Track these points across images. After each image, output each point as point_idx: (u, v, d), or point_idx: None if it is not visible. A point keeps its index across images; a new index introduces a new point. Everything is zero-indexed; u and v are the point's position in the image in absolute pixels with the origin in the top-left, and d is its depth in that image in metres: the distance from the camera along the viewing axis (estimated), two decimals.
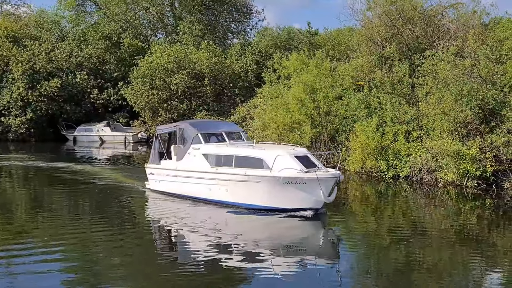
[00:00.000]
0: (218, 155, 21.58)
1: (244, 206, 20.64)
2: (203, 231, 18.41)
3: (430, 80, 29.25)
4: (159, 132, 25.53)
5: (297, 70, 37.90)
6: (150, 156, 25.76)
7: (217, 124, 26.73)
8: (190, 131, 23.15)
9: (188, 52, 50.51)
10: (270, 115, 36.05)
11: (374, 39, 34.90)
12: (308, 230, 19.38)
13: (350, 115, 32.42)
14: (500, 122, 25.32)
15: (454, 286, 13.57)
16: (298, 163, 19.45)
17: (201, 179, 21.93)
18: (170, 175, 23.67)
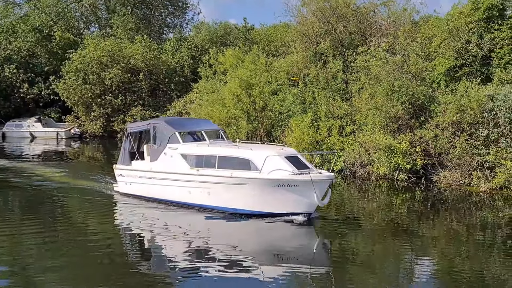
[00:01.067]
0: (198, 155, 20.03)
1: (229, 211, 19.20)
2: (182, 238, 17.09)
3: (363, 76, 29.90)
4: (129, 131, 23.58)
5: (233, 65, 37.94)
6: (120, 156, 23.73)
7: (194, 122, 25.05)
8: (166, 129, 21.41)
9: (122, 46, 49.67)
10: (206, 110, 35.96)
11: (309, 35, 35.35)
12: (300, 236, 17.90)
13: (286, 111, 32.75)
14: (429, 117, 26.18)
15: (387, 277, 13.90)
16: (290, 164, 18.11)
17: (180, 181, 20.31)
18: (143, 177, 21.98)
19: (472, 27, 27.54)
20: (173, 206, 20.61)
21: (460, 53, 27.52)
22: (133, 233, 18.17)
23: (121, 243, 17.06)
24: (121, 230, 18.71)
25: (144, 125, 23.43)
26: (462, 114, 24.46)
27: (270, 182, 18.12)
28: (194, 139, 21.61)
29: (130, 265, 14.40)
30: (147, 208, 20.98)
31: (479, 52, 26.82)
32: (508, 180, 22.57)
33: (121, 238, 17.74)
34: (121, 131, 46.95)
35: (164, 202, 21.07)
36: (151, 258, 15.46)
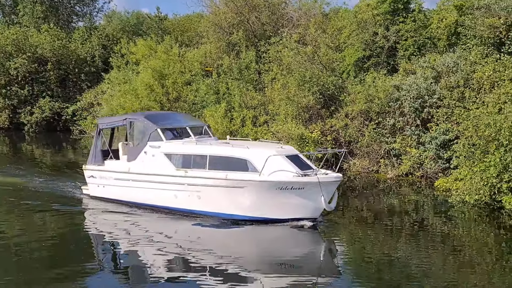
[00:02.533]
0: (185, 154, 17.89)
1: (222, 217, 17.17)
2: (168, 248, 14.77)
3: (275, 67, 30.27)
4: (101, 127, 20.96)
5: (145, 55, 37.36)
6: (90, 156, 20.97)
7: (177, 116, 22.00)
8: (146, 125, 19.08)
9: (28, 35, 47.66)
10: (118, 101, 35.31)
11: (222, 25, 35.36)
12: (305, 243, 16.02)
13: (199, 101, 32.64)
14: (339, 107, 26.87)
15: None
16: (292, 165, 16.32)
17: (164, 183, 18.06)
18: (120, 178, 19.54)
19: (378, 19, 28.42)
20: (155, 212, 18.43)
21: (368, 44, 28.35)
22: (109, 243, 15.89)
23: (95, 255, 14.75)
24: (94, 240, 16.23)
25: (118, 121, 21.05)
26: (370, 104, 25.27)
27: (272, 185, 16.18)
28: (175, 135, 19.27)
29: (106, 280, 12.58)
30: (124, 214, 18.55)
31: (386, 44, 27.74)
32: (413, 167, 23.57)
33: (94, 249, 15.44)
34: (29, 123, 45.28)
35: (144, 207, 18.88)
36: (130, 271, 13.31)
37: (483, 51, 23.94)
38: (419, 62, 25.60)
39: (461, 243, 15.47)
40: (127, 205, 19.28)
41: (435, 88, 23.82)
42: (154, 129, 18.78)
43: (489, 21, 23.75)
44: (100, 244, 15.84)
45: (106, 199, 20.11)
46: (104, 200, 20.12)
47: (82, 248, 15.08)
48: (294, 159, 16.73)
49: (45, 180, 23.88)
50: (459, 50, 24.94)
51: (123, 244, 15.48)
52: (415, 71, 25.49)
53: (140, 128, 19.48)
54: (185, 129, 19.40)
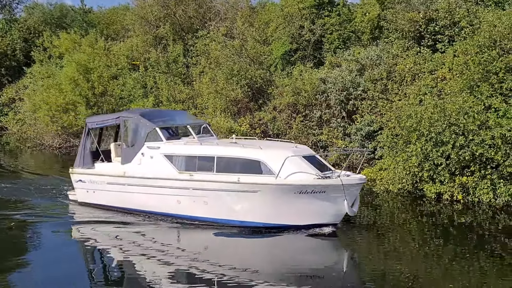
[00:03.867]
0: (189, 156, 16.19)
1: (232, 224, 15.69)
2: (171, 260, 13.20)
3: (203, 60, 30.16)
4: (90, 126, 19.04)
5: (69, 49, 36.34)
6: (78, 158, 19.04)
7: (175, 114, 20.06)
8: (143, 124, 17.37)
9: None
10: (41, 96, 34.17)
11: (148, 18, 34.89)
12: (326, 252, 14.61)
13: (126, 95, 32.09)
14: (267, 100, 27.09)
15: None
16: (311, 166, 15.01)
17: (165, 188, 16.47)
18: (113, 183, 17.75)
19: (304, 13, 28.81)
20: (155, 219, 16.76)
21: (294, 38, 28.70)
22: (103, 257, 13.96)
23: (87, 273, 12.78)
24: (85, 254, 14.25)
25: (110, 119, 18.80)
26: (297, 97, 25.59)
27: (290, 189, 14.77)
28: (172, 135, 17.69)
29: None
30: (119, 222, 16.68)
31: (312, 37, 28.15)
32: (339, 158, 24.08)
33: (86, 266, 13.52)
34: None
35: (142, 213, 17.22)
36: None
37: (404, 45, 24.74)
38: (344, 55, 26.20)
39: (386, 231, 15.86)
40: (122, 211, 17.61)
41: (360, 80, 24.42)
42: (152, 128, 17.13)
43: (410, 15, 24.56)
44: (92, 258, 13.97)
45: (96, 206, 18.39)
46: (95, 206, 18.39)
47: (71, 265, 13.03)
48: (312, 159, 15.45)
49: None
50: (382, 44, 25.67)
51: (119, 258, 13.65)
52: (340, 64, 26.04)
53: (135, 128, 17.63)
54: (186, 127, 17.87)
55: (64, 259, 13.47)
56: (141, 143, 17.23)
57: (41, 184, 22.05)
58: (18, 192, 20.56)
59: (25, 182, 22.96)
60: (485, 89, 18.82)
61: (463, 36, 21.95)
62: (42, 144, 34.44)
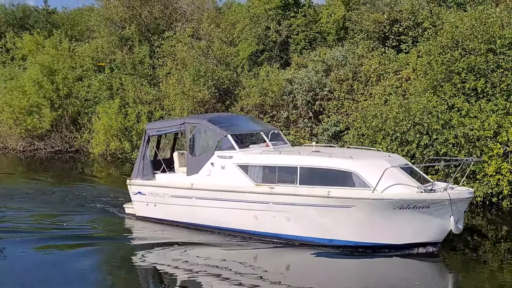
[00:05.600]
0: (268, 166, 14.61)
1: (319, 242, 14.09)
2: (252, 283, 11.75)
3: (170, 61, 30.01)
4: (151, 133, 17.46)
5: (32, 50, 35.76)
6: (136, 168, 17.45)
7: (244, 119, 18.41)
8: (212, 131, 15.84)
9: None
10: (4, 98, 33.64)
11: (113, 19, 34.59)
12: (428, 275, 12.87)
13: (92, 97, 31.77)
14: (234, 101, 27.06)
15: None
16: (411, 178, 13.56)
17: (239, 202, 14.86)
18: (178, 196, 16.19)
19: (271, 14, 28.90)
20: (227, 236, 15.21)
21: (261, 38, 28.75)
22: (171, 279, 12.29)
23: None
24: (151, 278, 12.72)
25: (173, 126, 17.19)
26: (264, 97, 25.62)
27: (390, 204, 13.19)
28: (244, 142, 16.04)
29: None
30: (186, 239, 15.19)
31: (278, 38, 28.25)
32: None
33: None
34: None
35: (212, 230, 15.68)
36: None
37: (369, 45, 24.99)
38: (310, 56, 26.33)
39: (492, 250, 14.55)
40: (188, 227, 16.13)
41: (326, 81, 24.58)
42: (223, 135, 15.52)
43: (374, 16, 24.83)
44: (160, 281, 12.42)
45: (157, 220, 16.87)
46: (155, 221, 16.88)
47: None
48: (408, 170, 13.99)
49: None
50: (347, 44, 25.87)
51: (189, 281, 12.16)
52: (306, 65, 26.16)
53: (203, 135, 16.19)
54: (259, 134, 16.28)
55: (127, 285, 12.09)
56: (211, 152, 15.63)
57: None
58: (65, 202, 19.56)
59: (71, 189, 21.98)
60: (448, 89, 19.16)
61: (426, 37, 22.29)
62: (6, 147, 33.83)
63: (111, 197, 20.18)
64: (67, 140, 32.63)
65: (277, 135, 16.64)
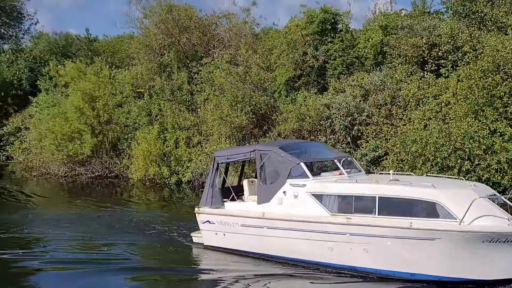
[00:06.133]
0: (344, 195, 14.06)
1: (400, 276, 13.38)
2: None
3: (208, 87, 30.33)
4: (220, 161, 16.97)
5: (74, 78, 36.60)
6: (205, 196, 17.00)
7: (317, 147, 18.09)
8: (284, 158, 15.31)
9: None
10: (47, 124, 34.40)
11: (153, 47, 35.18)
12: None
13: (132, 123, 32.27)
14: (272, 126, 27.12)
15: None
16: (501, 210, 12.85)
17: (313, 233, 14.29)
18: (249, 225, 15.68)
19: (308, 40, 28.99)
20: (300, 268, 14.61)
21: (298, 64, 28.83)
22: None
23: None
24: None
25: (243, 153, 16.76)
26: (302, 122, 25.64)
27: (479, 237, 12.36)
28: (317, 170, 15.73)
29: None
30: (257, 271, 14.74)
31: (315, 63, 28.28)
32: None
33: None
34: None
35: (283, 261, 15.10)
36: None
37: (407, 70, 24.82)
38: (348, 81, 26.29)
39: None
40: (258, 258, 15.56)
41: (364, 106, 24.47)
42: (296, 163, 15.02)
43: (412, 40, 24.69)
44: None
45: (227, 250, 16.41)
46: (224, 251, 16.43)
47: None
48: (496, 201, 13.32)
49: None
50: (385, 69, 25.75)
51: None
52: (344, 90, 26.12)
53: (275, 162, 15.58)
54: (333, 162, 15.68)
55: None
56: (283, 180, 15.07)
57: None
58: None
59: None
60: (490, 114, 18.86)
61: (467, 61, 22.05)
62: (48, 173, 34.52)
63: (165, 224, 20.13)
64: (107, 166, 33.11)
65: (350, 163, 15.91)
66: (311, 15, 29.23)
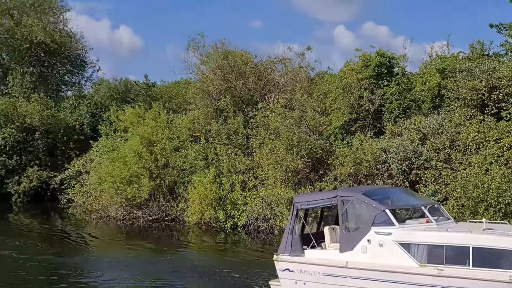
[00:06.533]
0: (434, 245, 13.38)
1: None
2: None
3: (263, 131, 30.54)
4: (300, 207, 16.30)
5: (133, 122, 37.58)
6: (283, 243, 16.35)
7: (402, 193, 17.50)
8: (368, 205, 14.77)
9: (17, 105, 47.88)
10: (106, 168, 35.20)
11: (209, 92, 35.86)
12: None
13: (188, 167, 32.68)
14: (328, 170, 26.98)
15: None
16: None
17: (402, 284, 13.68)
18: (331, 274, 15.00)
19: (363, 83, 28.99)
20: None
21: (354, 107, 28.80)
22: None
23: None
24: None
25: (324, 199, 16.30)
26: (358, 166, 25.40)
27: None
28: (402, 217, 15.25)
29: None
30: None
31: (371, 107, 28.19)
32: None
33: None
34: (16, 193, 44.65)
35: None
36: None
37: (467, 113, 24.40)
38: (405, 125, 26.03)
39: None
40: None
41: (422, 150, 24.09)
42: (381, 210, 14.38)
43: (471, 83, 24.33)
44: None
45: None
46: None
47: None
48: None
49: None
50: (444, 112, 25.39)
51: None
52: (401, 133, 25.83)
53: (358, 209, 15.12)
54: (420, 209, 14.92)
55: None
56: (367, 228, 14.46)
57: None
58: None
59: None
60: None
61: None
62: (107, 215, 35.19)
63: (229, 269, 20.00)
64: (164, 209, 33.47)
65: (437, 210, 15.14)
66: (366, 59, 29.32)
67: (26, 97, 50.15)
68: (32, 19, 52.08)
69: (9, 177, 45.67)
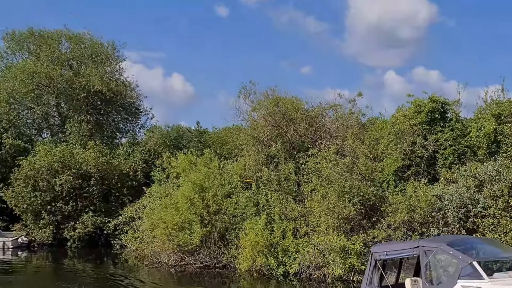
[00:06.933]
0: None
1: None
2: None
3: (314, 178, 30.35)
4: (378, 257, 15.82)
5: (185, 169, 38.05)
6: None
7: (488, 244, 16.71)
8: (453, 256, 13.98)
9: (74, 152, 49.33)
10: (159, 214, 35.57)
11: (260, 138, 36.10)
12: None
13: (239, 213, 32.69)
14: (381, 217, 26.51)
15: None
16: None
17: None
18: None
19: (416, 129, 28.65)
20: None
21: (406, 154, 28.41)
22: None
23: None
24: None
25: (405, 249, 15.59)
26: (412, 214, 24.88)
27: None
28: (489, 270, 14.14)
29: None
30: None
31: (425, 153, 27.75)
32: None
33: None
34: (71, 238, 45.53)
35: None
36: None
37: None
38: (460, 171, 25.43)
39: None
40: None
41: (479, 197, 23.44)
42: (468, 262, 13.51)
43: None
44: None
45: None
46: None
47: None
48: None
49: None
50: (501, 158, 24.74)
51: None
52: (456, 180, 25.24)
53: (442, 260, 14.51)
54: (509, 261, 14.44)
55: None
56: (453, 281, 13.59)
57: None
58: None
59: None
60: None
61: None
62: (159, 262, 35.37)
63: None
64: (215, 256, 33.42)
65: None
66: (419, 104, 29.03)
67: (83, 144, 51.70)
68: (90, 69, 54.20)
69: (65, 222, 46.80)
